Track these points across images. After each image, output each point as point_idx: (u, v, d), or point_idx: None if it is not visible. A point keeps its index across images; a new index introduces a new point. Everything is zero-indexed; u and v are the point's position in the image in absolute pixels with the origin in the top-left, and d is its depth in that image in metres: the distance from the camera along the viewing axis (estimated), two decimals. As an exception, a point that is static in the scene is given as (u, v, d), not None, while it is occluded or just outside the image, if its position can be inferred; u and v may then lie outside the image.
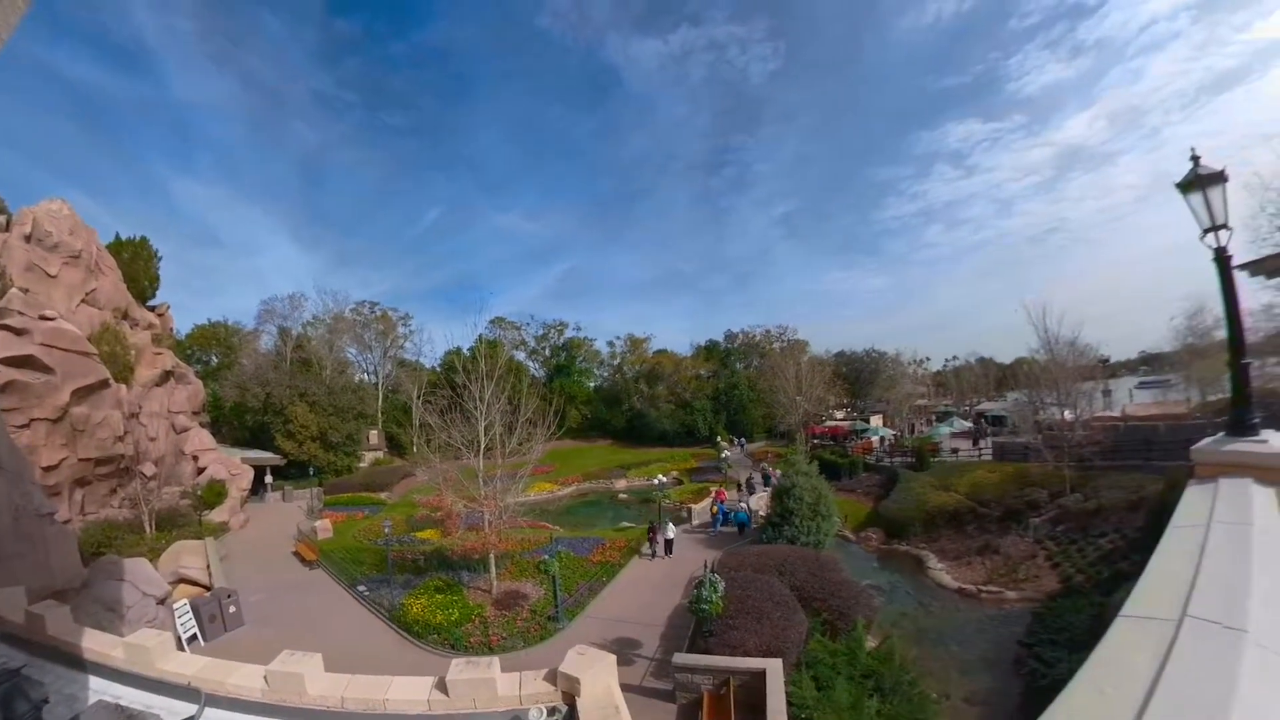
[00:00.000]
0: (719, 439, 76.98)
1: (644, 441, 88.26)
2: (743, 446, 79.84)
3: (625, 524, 40.15)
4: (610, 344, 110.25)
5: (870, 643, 21.29)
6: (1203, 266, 6.48)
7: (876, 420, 77.29)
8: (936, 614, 28.43)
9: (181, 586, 27.54)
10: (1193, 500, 5.30)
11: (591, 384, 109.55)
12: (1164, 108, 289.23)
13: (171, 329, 57.52)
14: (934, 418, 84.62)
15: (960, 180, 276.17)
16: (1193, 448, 6.18)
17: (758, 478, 49.36)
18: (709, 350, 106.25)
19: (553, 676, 9.00)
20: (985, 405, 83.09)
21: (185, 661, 11.60)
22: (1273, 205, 31.01)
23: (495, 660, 9.37)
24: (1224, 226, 6.23)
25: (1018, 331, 45.04)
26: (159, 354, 44.62)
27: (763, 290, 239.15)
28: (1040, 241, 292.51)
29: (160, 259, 56.75)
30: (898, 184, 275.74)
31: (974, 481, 42.15)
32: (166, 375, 44.41)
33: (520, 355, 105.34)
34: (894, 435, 68.78)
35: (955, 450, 54.92)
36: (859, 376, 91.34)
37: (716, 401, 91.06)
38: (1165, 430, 40.11)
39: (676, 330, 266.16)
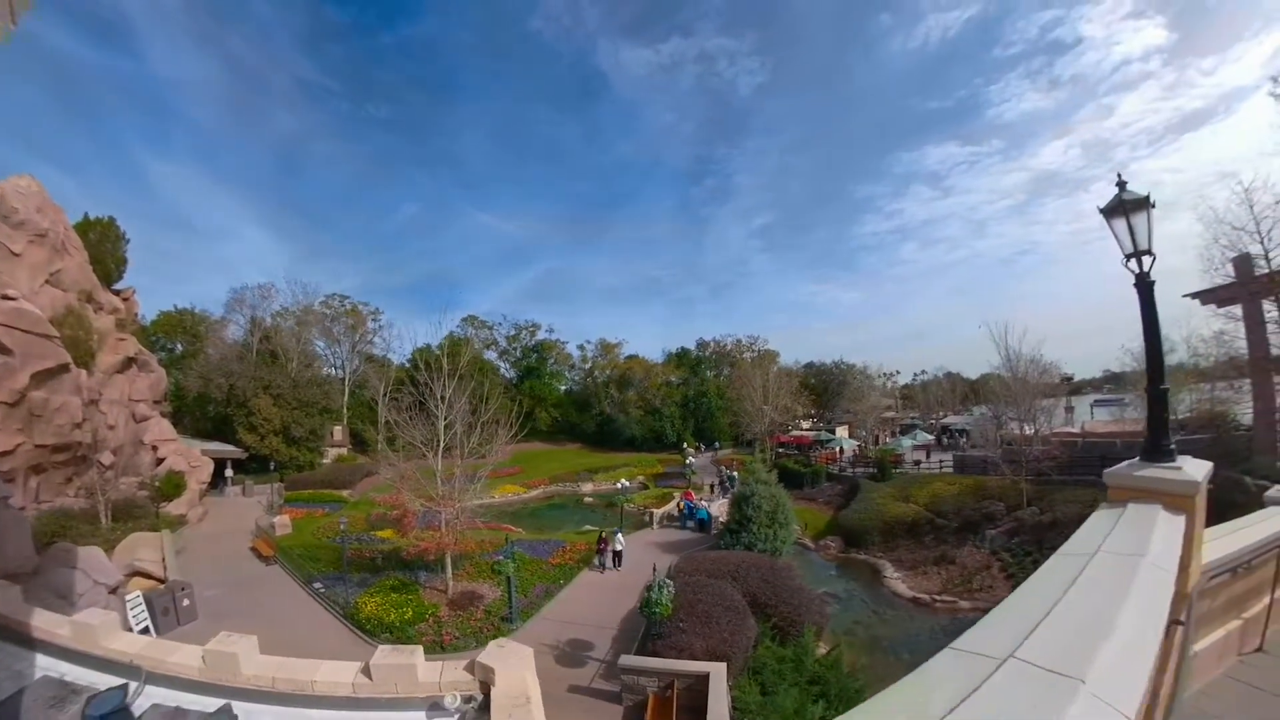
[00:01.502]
0: (686, 445, 77.63)
1: (613, 446, 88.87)
2: (715, 451, 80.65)
3: (588, 527, 40.34)
4: (581, 348, 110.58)
5: (821, 649, 21.69)
6: (1160, 293, 6.57)
7: (842, 431, 78.49)
8: (890, 622, 28.91)
9: (136, 579, 27.06)
10: (1093, 525, 5.11)
11: (562, 387, 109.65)
12: (1132, 143, 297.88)
13: (137, 314, 56.34)
14: (898, 430, 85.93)
15: (937, 200, 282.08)
16: (1106, 471, 6.09)
17: (725, 482, 50.54)
18: (680, 357, 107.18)
19: (472, 666, 9.27)
20: (950, 419, 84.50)
21: (129, 641, 11.83)
22: (1225, 238, 32.44)
23: (418, 649, 9.68)
24: (1147, 252, 6.25)
25: (986, 348, 46.25)
26: (122, 340, 43.74)
27: (738, 300, 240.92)
28: (1012, 262, 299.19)
29: (128, 241, 55.79)
30: (875, 201, 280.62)
31: (933, 493, 43.10)
32: (129, 362, 43.67)
33: (491, 355, 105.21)
34: (858, 446, 69.81)
35: (918, 462, 56.13)
36: (827, 388, 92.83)
37: (685, 408, 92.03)
38: (1122, 447, 41.13)
39: (651, 337, 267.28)
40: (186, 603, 23.77)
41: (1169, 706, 4.02)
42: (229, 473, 55.44)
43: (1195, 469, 5.55)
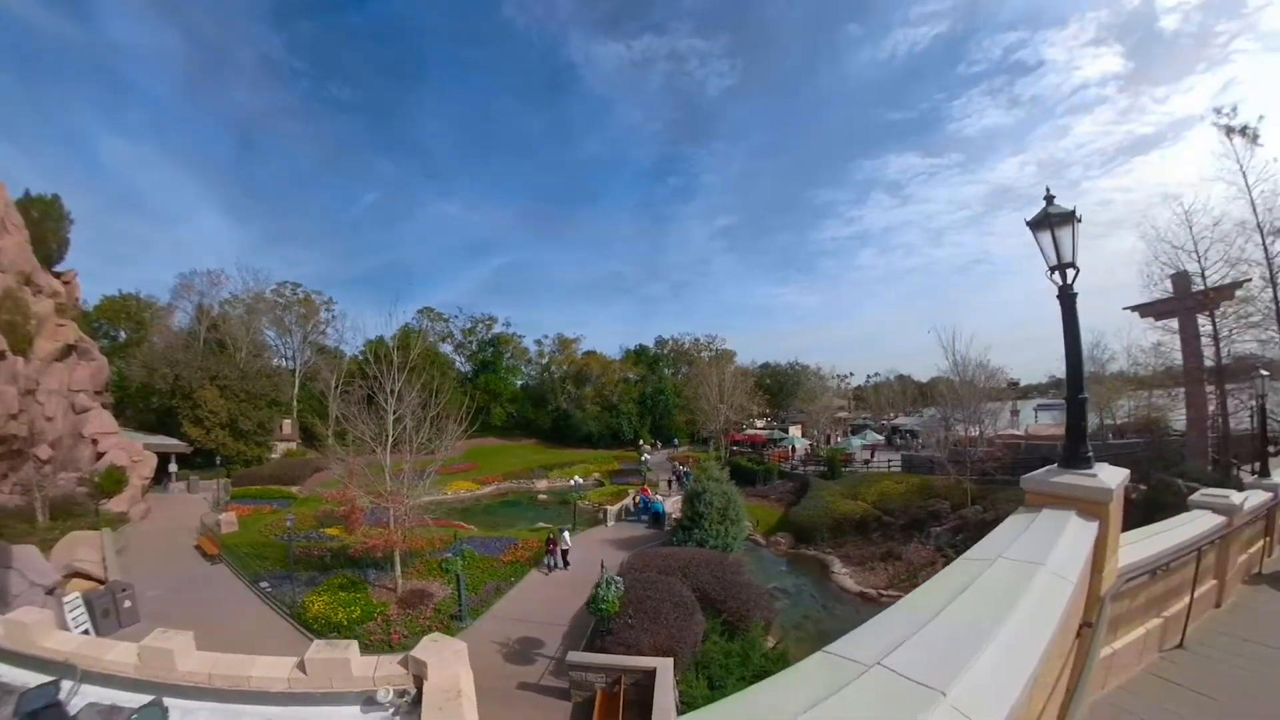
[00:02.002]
0: (642, 442, 78.05)
1: (569, 442, 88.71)
2: (675, 448, 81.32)
3: (541, 524, 40.31)
4: (539, 342, 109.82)
5: (770, 643, 22.10)
6: (1101, 305, 6.53)
7: (795, 430, 79.73)
8: (838, 616, 29.46)
9: (74, 580, 26.06)
10: (1002, 530, 5.12)
11: (518, 382, 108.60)
12: (1085, 163, 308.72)
13: (78, 299, 53.96)
14: (849, 430, 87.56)
15: (896, 209, 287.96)
16: (1023, 477, 6.17)
17: (683, 478, 51.42)
18: (638, 355, 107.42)
19: (405, 661, 9.41)
20: (900, 420, 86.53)
21: (64, 639, 11.66)
22: (1165, 256, 34.48)
23: (353, 644, 9.74)
24: (1070, 265, 6.25)
25: (936, 352, 48.43)
26: (62, 325, 41.96)
27: (698, 300, 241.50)
28: (967, 271, 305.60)
29: (72, 221, 53.69)
30: (836, 207, 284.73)
31: (881, 491, 44.26)
32: (69, 349, 41.92)
33: (447, 348, 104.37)
34: (809, 445, 70.99)
35: (866, 461, 57.36)
36: (782, 388, 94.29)
37: (643, 405, 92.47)
38: (1062, 449, 42.68)
39: (611, 334, 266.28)
40: (128, 604, 23.00)
41: (1068, 708, 4.12)
42: (173, 468, 53.62)
43: (1110, 476, 5.60)
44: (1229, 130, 33.01)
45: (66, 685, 9.91)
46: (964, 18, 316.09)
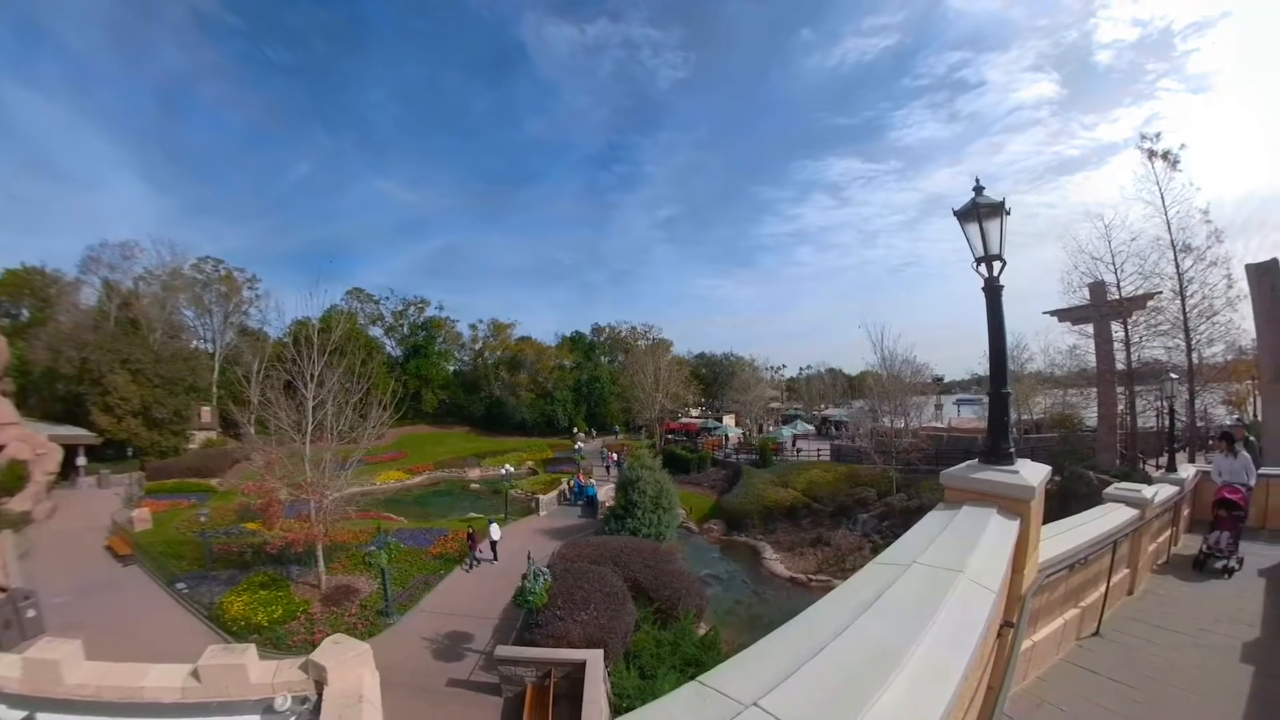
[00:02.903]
0: (577, 430, 77.69)
1: (503, 430, 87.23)
2: (615, 436, 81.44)
3: (473, 514, 39.64)
4: (473, 327, 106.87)
5: (703, 630, 22.23)
6: (1022, 309, 6.30)
7: (729, 419, 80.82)
8: (769, 601, 30.18)
9: (-28, 591, 24.48)
10: (920, 530, 4.78)
11: (451, 367, 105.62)
12: (1015, 178, 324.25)
13: None
14: (781, 419, 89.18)
15: (834, 209, 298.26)
16: (943, 472, 5.93)
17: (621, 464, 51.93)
18: (575, 341, 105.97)
19: (306, 666, 8.98)
20: (830, 411, 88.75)
21: (-55, 654, 10.75)
22: (1084, 266, 36.74)
23: (250, 648, 9.31)
24: (997, 257, 6.05)
25: (866, 347, 50.52)
26: (-46, 306, 39.40)
27: (638, 289, 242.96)
28: (898, 272, 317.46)
29: (-30, 183, 49.84)
30: (777, 205, 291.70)
31: (810, 480, 45.40)
32: (-38, 332, 39.42)
33: (377, 331, 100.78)
34: (742, 434, 72.09)
35: (798, 450, 58.47)
36: (716, 378, 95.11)
37: (578, 393, 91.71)
38: (982, 442, 44.75)
39: (547, 320, 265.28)
40: (31, 613, 21.18)
41: (991, 710, 3.94)
42: (81, 461, 50.34)
43: (1033, 473, 5.41)
44: (1151, 154, 35.19)
45: None
46: (913, 33, 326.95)
